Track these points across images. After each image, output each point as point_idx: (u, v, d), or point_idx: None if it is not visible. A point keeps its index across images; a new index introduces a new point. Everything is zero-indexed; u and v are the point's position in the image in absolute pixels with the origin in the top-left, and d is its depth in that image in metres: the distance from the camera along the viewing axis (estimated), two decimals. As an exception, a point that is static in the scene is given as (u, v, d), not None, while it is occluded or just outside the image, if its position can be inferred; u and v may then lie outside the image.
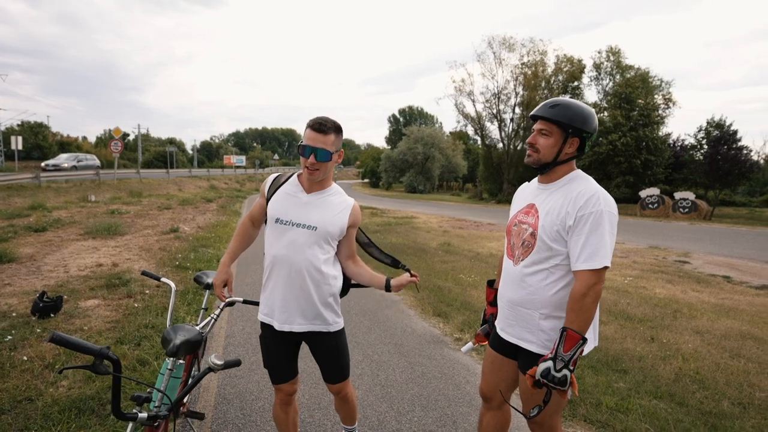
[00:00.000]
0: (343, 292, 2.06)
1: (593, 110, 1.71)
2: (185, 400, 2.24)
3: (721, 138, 26.32)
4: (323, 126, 1.79)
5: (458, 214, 20.79)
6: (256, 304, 2.39)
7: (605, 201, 1.59)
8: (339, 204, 1.94)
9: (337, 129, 1.83)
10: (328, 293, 1.93)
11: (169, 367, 1.86)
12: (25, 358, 3.30)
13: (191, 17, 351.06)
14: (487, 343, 1.99)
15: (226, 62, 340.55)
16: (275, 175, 2.05)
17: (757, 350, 4.12)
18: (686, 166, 29.03)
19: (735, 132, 26.56)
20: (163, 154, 49.34)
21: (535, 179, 1.86)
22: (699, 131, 29.42)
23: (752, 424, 2.79)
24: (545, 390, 1.55)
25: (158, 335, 3.86)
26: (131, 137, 54.83)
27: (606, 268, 1.54)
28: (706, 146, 27.94)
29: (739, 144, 25.85)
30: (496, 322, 1.90)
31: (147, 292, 5.19)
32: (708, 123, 28.76)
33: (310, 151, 1.78)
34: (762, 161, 29.30)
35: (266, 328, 2.00)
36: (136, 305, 4.67)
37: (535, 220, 1.71)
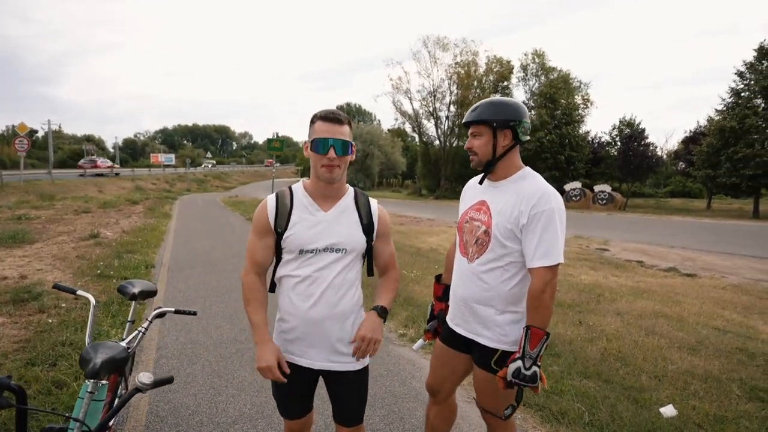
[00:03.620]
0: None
1: (515, 100, 1.76)
2: (111, 423, 2.04)
3: (631, 135, 29.06)
4: (337, 115, 1.51)
5: (398, 210, 21.04)
6: (192, 313, 2.24)
7: (555, 199, 1.63)
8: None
9: (350, 122, 1.57)
10: None
11: (89, 390, 1.68)
12: None
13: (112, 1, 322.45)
14: (437, 339, 2.01)
15: (154, 53, 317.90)
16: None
17: (668, 327, 4.58)
18: (603, 161, 31.75)
19: (643, 130, 29.46)
20: (78, 153, 45.38)
21: (481, 175, 1.84)
22: (613, 129, 32.28)
23: (666, 394, 3.09)
24: (516, 389, 1.58)
25: (78, 353, 3.50)
26: (40, 134, 49.54)
27: (559, 264, 1.59)
28: (619, 143, 30.73)
29: (647, 141, 28.75)
30: (448, 318, 1.91)
31: (63, 305, 4.69)
32: (620, 121, 31.62)
33: (326, 144, 1.48)
34: (665, 156, 32.79)
35: None
36: (50, 321, 4.21)
37: (488, 218, 1.72)
